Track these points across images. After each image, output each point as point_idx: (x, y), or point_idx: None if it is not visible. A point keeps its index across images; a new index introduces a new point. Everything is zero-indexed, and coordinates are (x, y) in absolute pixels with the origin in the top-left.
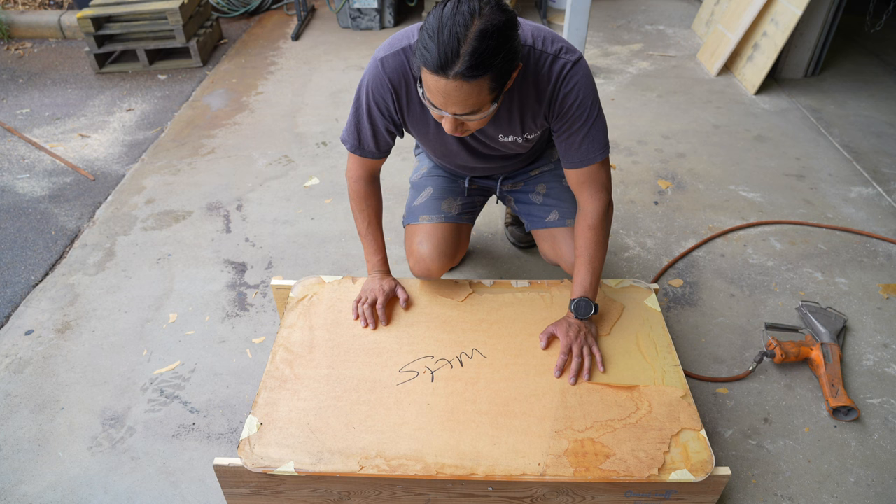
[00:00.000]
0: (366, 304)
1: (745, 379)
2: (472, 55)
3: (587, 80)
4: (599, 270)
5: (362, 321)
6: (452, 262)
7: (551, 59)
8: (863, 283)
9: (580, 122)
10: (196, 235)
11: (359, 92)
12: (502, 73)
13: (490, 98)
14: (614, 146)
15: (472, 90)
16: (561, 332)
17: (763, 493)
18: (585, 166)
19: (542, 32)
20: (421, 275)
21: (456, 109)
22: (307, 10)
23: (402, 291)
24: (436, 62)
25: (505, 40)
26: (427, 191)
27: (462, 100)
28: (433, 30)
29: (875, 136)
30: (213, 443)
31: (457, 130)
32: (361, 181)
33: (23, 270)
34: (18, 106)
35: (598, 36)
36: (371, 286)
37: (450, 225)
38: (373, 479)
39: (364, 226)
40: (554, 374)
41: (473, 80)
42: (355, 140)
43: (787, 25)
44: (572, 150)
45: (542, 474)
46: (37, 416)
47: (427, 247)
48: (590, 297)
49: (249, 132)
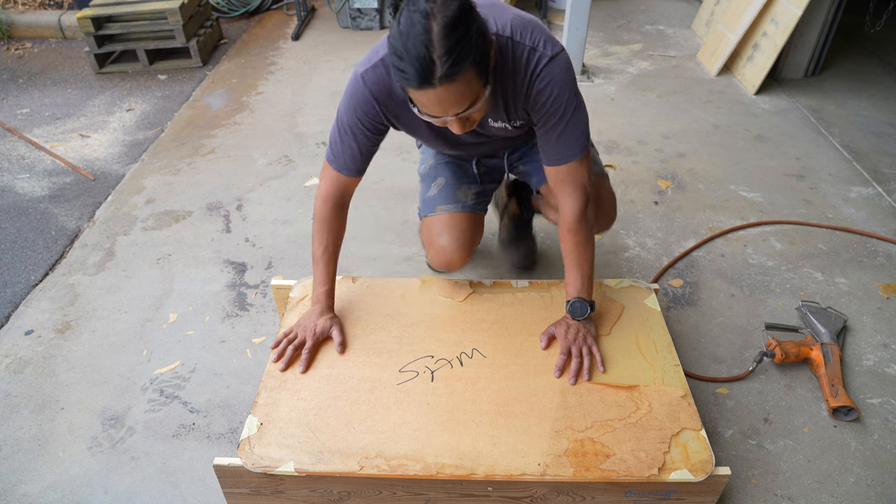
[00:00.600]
0: (293, 342)
1: (745, 379)
2: (447, 55)
3: (564, 75)
4: (590, 269)
5: (276, 356)
6: (470, 254)
7: (528, 51)
8: (863, 283)
9: (555, 117)
10: (196, 235)
11: (340, 110)
12: (481, 55)
13: (480, 83)
14: (614, 146)
15: (461, 86)
16: (560, 332)
17: (763, 493)
18: (562, 164)
19: (523, 23)
20: (441, 267)
21: (454, 110)
22: (307, 10)
23: (337, 333)
24: (417, 79)
25: (468, 24)
26: (439, 180)
27: (456, 99)
28: (399, 50)
29: (875, 136)
30: (213, 443)
31: (465, 127)
32: (331, 202)
33: (23, 270)
34: (18, 106)
35: (598, 36)
36: (305, 323)
37: (467, 215)
38: (373, 479)
39: (320, 251)
40: (554, 374)
41: (458, 76)
42: (340, 158)
43: (787, 25)
44: (548, 147)
45: (542, 474)
46: (37, 416)
47: (447, 238)
48: (584, 297)
49: (249, 132)
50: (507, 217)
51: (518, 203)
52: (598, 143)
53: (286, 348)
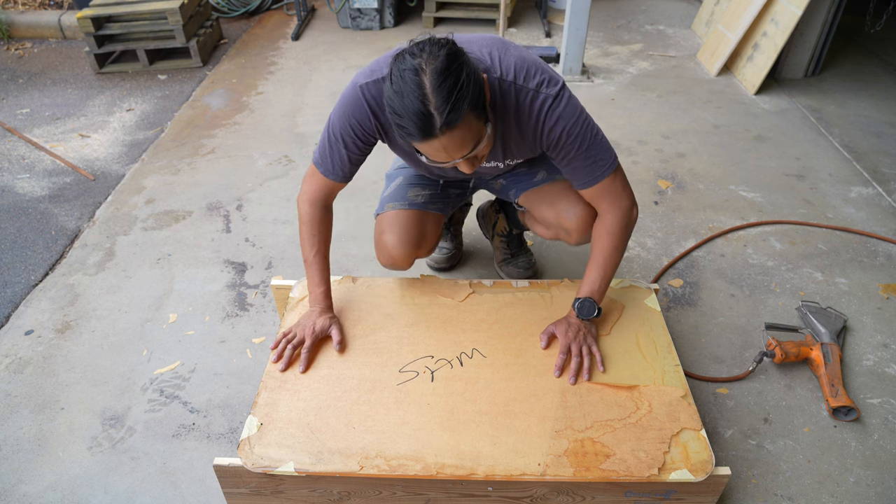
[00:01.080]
0: (292, 342)
1: (745, 379)
2: (443, 104)
3: (572, 110)
4: (611, 276)
5: (276, 356)
6: (418, 251)
7: (532, 94)
8: (863, 283)
9: (575, 148)
10: (196, 235)
11: (332, 117)
12: (476, 97)
13: (481, 123)
14: (614, 146)
15: (463, 131)
16: (560, 331)
17: (763, 493)
18: (595, 184)
19: (525, 65)
20: (386, 264)
21: (460, 154)
22: (307, 10)
23: (336, 332)
24: (419, 133)
25: (458, 71)
26: (397, 181)
27: (460, 144)
28: (397, 108)
29: (875, 136)
30: (213, 443)
31: (473, 166)
32: (317, 205)
33: (23, 270)
34: (18, 106)
35: (598, 36)
36: (304, 322)
37: (414, 212)
38: (373, 479)
39: (311, 253)
40: (554, 373)
41: (458, 122)
42: (328, 162)
43: (787, 25)
44: (578, 173)
45: (542, 474)
46: (37, 416)
47: (389, 235)
48: (596, 299)
49: (249, 132)
50: (498, 237)
51: (507, 219)
52: None
53: (285, 348)
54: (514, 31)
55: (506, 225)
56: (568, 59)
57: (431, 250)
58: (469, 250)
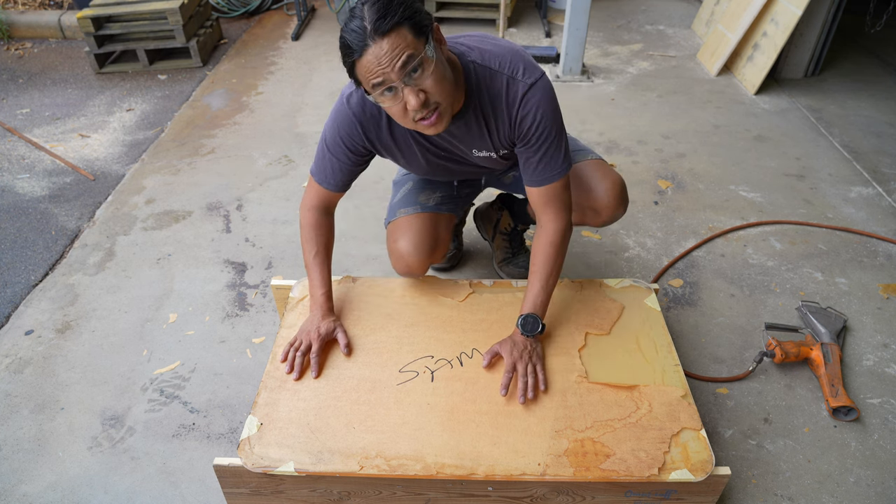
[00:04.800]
0: (299, 350)
1: (745, 379)
2: (374, 13)
3: (546, 101)
4: (552, 289)
5: (288, 367)
6: (433, 256)
7: (507, 80)
8: (863, 283)
9: (539, 142)
10: (196, 235)
11: (325, 128)
12: (411, 12)
13: (420, 42)
14: (614, 146)
15: (396, 40)
16: (505, 350)
17: (763, 493)
18: (546, 185)
19: (502, 52)
20: (403, 272)
21: (397, 65)
22: (307, 10)
23: (342, 335)
24: (356, 43)
25: None
26: (406, 186)
27: (394, 52)
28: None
29: (875, 136)
30: (213, 443)
31: (420, 101)
32: (316, 211)
33: (23, 270)
34: (18, 106)
35: (598, 36)
36: (308, 328)
37: (426, 216)
38: (373, 479)
39: (311, 256)
40: (500, 392)
41: (390, 30)
42: (322, 173)
43: (787, 25)
44: (531, 169)
45: (542, 474)
46: (37, 416)
47: (403, 242)
48: (539, 314)
49: (249, 132)
50: (501, 235)
51: (511, 216)
52: (599, 144)
53: (294, 357)
54: (514, 31)
55: (510, 222)
56: (568, 59)
57: (445, 254)
58: (469, 250)
